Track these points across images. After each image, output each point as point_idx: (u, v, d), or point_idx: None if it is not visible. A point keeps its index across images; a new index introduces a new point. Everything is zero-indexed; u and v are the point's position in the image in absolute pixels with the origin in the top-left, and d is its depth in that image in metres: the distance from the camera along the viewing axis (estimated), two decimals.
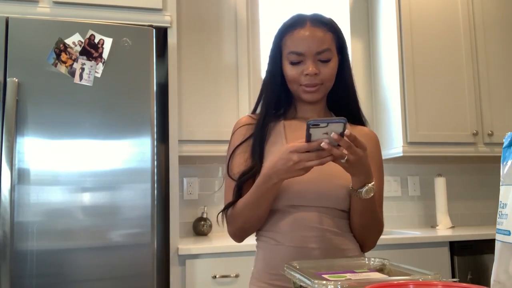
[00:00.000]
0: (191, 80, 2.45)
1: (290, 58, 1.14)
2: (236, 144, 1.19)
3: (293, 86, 1.17)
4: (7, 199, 1.70)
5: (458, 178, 3.08)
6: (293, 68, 1.14)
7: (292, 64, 1.14)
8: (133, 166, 1.89)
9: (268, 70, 1.22)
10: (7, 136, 1.73)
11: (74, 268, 1.77)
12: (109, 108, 1.89)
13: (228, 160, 1.19)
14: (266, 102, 1.20)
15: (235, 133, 1.22)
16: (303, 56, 1.12)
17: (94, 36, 1.90)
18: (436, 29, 2.78)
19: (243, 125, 1.22)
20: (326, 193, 1.10)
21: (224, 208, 1.14)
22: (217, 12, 2.52)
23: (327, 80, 1.15)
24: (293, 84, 1.16)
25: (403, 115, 2.67)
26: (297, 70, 1.14)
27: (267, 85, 1.20)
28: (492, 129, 2.79)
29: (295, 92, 1.17)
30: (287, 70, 1.15)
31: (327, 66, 1.13)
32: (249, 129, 1.20)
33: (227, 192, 1.17)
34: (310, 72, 1.11)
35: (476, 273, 2.34)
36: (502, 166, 0.75)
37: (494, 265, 0.74)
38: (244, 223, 1.12)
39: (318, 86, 1.14)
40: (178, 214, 2.16)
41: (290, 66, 1.15)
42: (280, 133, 1.18)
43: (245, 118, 1.26)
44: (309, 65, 1.12)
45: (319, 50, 1.12)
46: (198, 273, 2.05)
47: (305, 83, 1.14)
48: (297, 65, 1.13)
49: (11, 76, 1.79)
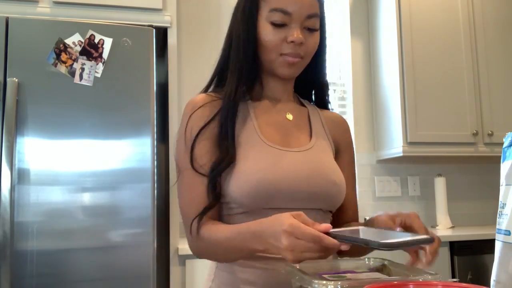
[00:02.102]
0: (191, 80, 2.45)
1: (272, 17, 0.91)
2: (197, 129, 0.93)
3: (271, 55, 0.93)
4: (7, 199, 1.70)
5: (458, 178, 3.08)
6: (275, 32, 0.91)
7: (274, 25, 0.91)
8: (133, 166, 1.89)
9: (236, 31, 0.96)
10: (7, 136, 1.73)
11: (74, 268, 1.77)
12: (109, 108, 1.89)
13: (191, 150, 0.92)
14: (238, 73, 0.94)
15: (192, 117, 0.94)
16: (289, 17, 0.90)
17: (94, 36, 1.90)
18: (436, 29, 2.78)
19: (201, 105, 0.95)
20: (319, 192, 0.91)
21: (202, 212, 0.87)
22: (217, 12, 2.52)
23: (310, 53, 0.95)
24: (271, 52, 0.92)
25: (403, 115, 2.67)
26: (280, 35, 0.91)
27: (237, 51, 0.94)
28: (492, 129, 2.79)
29: (270, 63, 0.94)
30: (265, 33, 0.91)
31: (312, 35, 0.94)
32: (209, 110, 0.94)
33: (191, 189, 0.91)
34: (296, 39, 0.90)
35: (476, 273, 2.34)
36: (502, 166, 0.75)
37: (494, 265, 0.74)
38: (210, 256, 0.91)
39: (299, 59, 0.93)
40: (178, 214, 2.16)
41: (270, 28, 0.91)
42: (247, 116, 0.96)
43: (201, 96, 0.98)
44: (296, 31, 0.90)
45: (310, 13, 0.91)
46: (198, 273, 2.05)
47: (287, 51, 0.91)
48: (280, 29, 0.91)
49: (11, 76, 1.79)
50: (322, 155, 0.96)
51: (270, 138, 0.94)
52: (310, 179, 0.89)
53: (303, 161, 0.91)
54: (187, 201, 0.91)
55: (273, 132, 0.95)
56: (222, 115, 0.92)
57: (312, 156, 0.94)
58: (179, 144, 0.96)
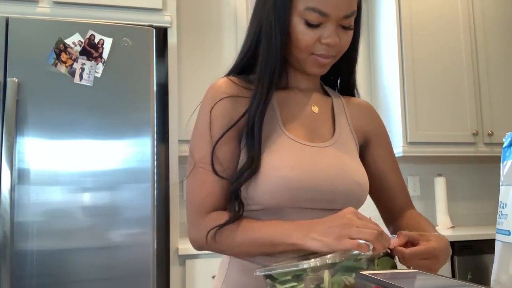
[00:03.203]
0: (191, 80, 2.45)
1: (307, 16, 0.84)
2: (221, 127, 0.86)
3: (302, 54, 0.88)
4: (7, 199, 1.70)
5: (458, 178, 3.08)
6: (309, 31, 0.85)
7: (308, 25, 0.85)
8: (133, 166, 1.89)
9: (267, 23, 0.88)
10: (7, 136, 1.73)
11: (74, 268, 1.77)
12: (109, 108, 1.89)
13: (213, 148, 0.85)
14: (270, 68, 0.87)
15: (215, 108, 0.87)
16: (326, 18, 0.84)
17: (94, 36, 1.90)
18: (436, 29, 2.78)
19: (226, 96, 0.89)
20: (342, 193, 0.86)
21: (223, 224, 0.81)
22: (217, 12, 2.52)
23: (342, 52, 0.90)
24: (302, 52, 0.87)
25: (403, 115, 2.67)
26: (314, 35, 0.85)
27: (270, 44, 0.87)
28: (492, 129, 2.79)
29: (300, 61, 0.90)
30: (298, 31, 0.85)
31: (347, 34, 0.89)
32: (234, 102, 0.88)
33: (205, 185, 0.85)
34: (332, 42, 0.85)
35: (476, 273, 2.34)
36: (502, 166, 0.75)
37: (494, 265, 0.74)
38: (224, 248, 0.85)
39: (331, 58, 0.89)
40: (178, 214, 2.16)
41: (304, 27, 0.85)
42: (272, 108, 0.90)
43: (224, 83, 0.91)
44: (332, 32, 0.85)
45: (347, 13, 0.86)
46: (198, 273, 2.05)
47: (319, 53, 0.87)
48: (315, 29, 0.85)
49: (11, 76, 1.79)
50: (345, 152, 0.92)
51: (294, 132, 0.89)
52: (333, 179, 0.85)
53: (327, 158, 0.87)
54: (198, 197, 0.86)
55: (297, 126, 0.91)
56: (251, 119, 0.85)
57: (336, 154, 0.89)
58: (197, 134, 0.88)
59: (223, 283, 0.91)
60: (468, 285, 0.54)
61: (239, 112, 0.87)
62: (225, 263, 0.93)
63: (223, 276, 0.92)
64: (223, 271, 0.93)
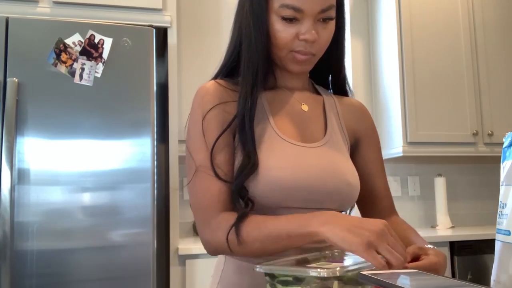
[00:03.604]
0: (191, 80, 2.45)
1: (282, 12, 0.84)
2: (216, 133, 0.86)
3: (281, 52, 0.88)
4: (7, 199, 1.70)
5: (458, 178, 3.08)
6: (286, 28, 0.85)
7: (284, 20, 0.85)
8: (133, 166, 1.89)
9: (246, 24, 0.89)
10: (7, 136, 1.73)
11: (74, 268, 1.77)
12: (109, 108, 1.89)
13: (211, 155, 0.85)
14: (252, 67, 0.87)
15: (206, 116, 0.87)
16: (301, 13, 0.84)
17: (94, 36, 1.90)
18: (436, 29, 2.78)
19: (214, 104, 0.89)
20: (333, 193, 0.86)
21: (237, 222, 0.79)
22: (217, 12, 2.52)
23: (323, 48, 0.90)
24: (282, 49, 0.88)
25: (403, 115, 2.67)
26: (291, 31, 0.85)
27: (249, 48, 0.88)
28: (492, 129, 2.79)
29: (281, 59, 0.90)
30: (276, 29, 0.86)
31: (326, 29, 0.88)
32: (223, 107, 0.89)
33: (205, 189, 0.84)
34: (309, 37, 0.85)
35: (476, 273, 2.34)
36: (502, 166, 0.75)
37: (494, 265, 0.74)
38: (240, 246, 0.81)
39: (310, 56, 0.88)
40: (178, 214, 2.16)
41: (281, 24, 0.85)
42: (261, 107, 0.91)
43: (212, 85, 0.91)
44: (309, 27, 0.85)
45: (324, 7, 0.85)
46: (198, 273, 2.05)
47: (297, 49, 0.87)
48: (291, 24, 0.85)
49: (11, 76, 1.79)
50: (337, 152, 0.92)
51: (284, 131, 0.89)
52: (324, 179, 0.85)
53: (318, 159, 0.87)
54: (206, 198, 0.84)
55: (287, 125, 0.91)
56: (240, 117, 0.85)
57: (327, 153, 0.89)
58: (193, 139, 0.88)
59: (219, 283, 0.91)
60: (468, 285, 0.54)
61: (230, 114, 0.88)
62: (220, 263, 0.93)
63: (219, 277, 0.92)
64: (218, 271, 0.93)
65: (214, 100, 0.89)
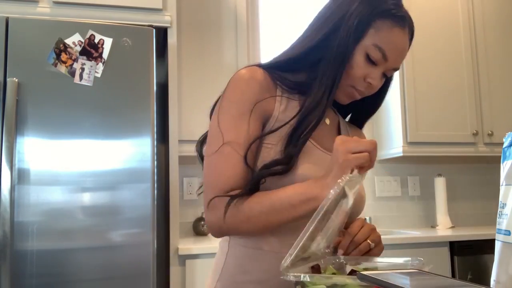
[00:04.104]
0: (191, 80, 2.45)
1: (371, 52, 0.87)
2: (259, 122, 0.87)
3: (345, 82, 0.90)
4: (7, 199, 1.70)
5: (458, 178, 3.08)
6: (364, 66, 0.88)
7: (368, 60, 0.88)
8: (133, 166, 1.89)
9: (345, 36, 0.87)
10: (7, 136, 1.73)
11: (74, 268, 1.77)
12: (109, 108, 1.89)
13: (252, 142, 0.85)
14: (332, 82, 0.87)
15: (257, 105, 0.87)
16: (383, 62, 0.88)
17: (94, 36, 1.90)
18: (436, 29, 2.78)
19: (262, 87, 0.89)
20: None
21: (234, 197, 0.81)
22: (217, 12, 2.52)
23: (372, 93, 0.95)
24: (348, 80, 0.90)
25: (403, 115, 2.67)
26: (366, 71, 0.89)
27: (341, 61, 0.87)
28: (492, 129, 2.79)
29: (339, 86, 0.90)
30: (355, 60, 0.88)
31: (383, 82, 0.95)
32: (266, 91, 0.89)
33: (229, 167, 0.84)
34: (375, 84, 0.90)
35: (476, 273, 2.34)
36: (502, 166, 0.75)
37: (494, 265, 0.74)
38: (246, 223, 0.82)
39: (362, 96, 0.94)
40: (178, 214, 2.16)
41: (362, 60, 0.88)
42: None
43: (262, 74, 0.90)
44: (379, 76, 0.90)
45: (397, 66, 0.92)
46: (198, 273, 2.05)
47: (359, 88, 0.91)
48: (370, 66, 0.89)
49: (11, 76, 1.79)
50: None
51: (318, 141, 0.92)
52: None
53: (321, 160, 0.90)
54: (222, 178, 0.84)
55: (317, 135, 0.92)
56: (304, 122, 0.85)
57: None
58: (232, 113, 0.87)
59: (218, 280, 0.92)
60: (468, 285, 0.54)
61: (270, 107, 0.89)
62: (221, 260, 0.94)
63: (218, 274, 0.93)
64: (218, 268, 0.94)
65: (262, 90, 0.88)
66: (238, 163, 0.84)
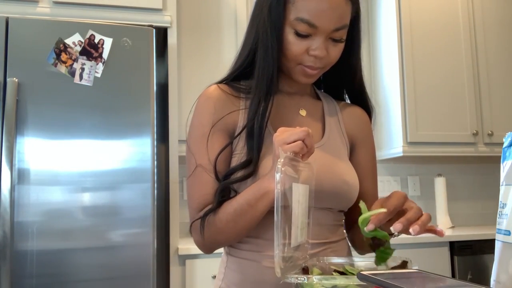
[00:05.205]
0: (191, 80, 2.45)
1: (297, 26, 0.85)
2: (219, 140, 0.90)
3: (290, 63, 0.90)
4: (7, 199, 1.70)
5: (458, 178, 3.08)
6: (298, 41, 0.86)
7: (298, 35, 0.86)
8: (133, 166, 1.89)
9: (264, 29, 0.88)
10: (7, 136, 1.73)
11: (74, 268, 1.77)
12: (109, 108, 1.89)
13: (215, 161, 0.89)
14: (267, 75, 0.88)
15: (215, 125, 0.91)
16: (315, 30, 0.85)
17: (94, 36, 1.90)
18: (436, 29, 2.78)
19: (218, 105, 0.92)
20: (329, 191, 0.89)
21: (205, 214, 0.85)
22: (217, 12, 2.52)
23: (330, 63, 0.92)
24: (291, 61, 0.89)
25: (403, 115, 2.67)
26: (302, 46, 0.87)
27: (266, 52, 0.88)
28: (492, 129, 2.79)
29: (288, 69, 0.91)
30: (288, 41, 0.87)
31: (337, 46, 0.89)
32: (223, 106, 0.92)
33: (201, 187, 0.88)
34: (319, 54, 0.87)
35: (476, 273, 2.34)
36: (502, 166, 0.75)
37: (494, 265, 0.74)
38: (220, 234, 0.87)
39: (319, 70, 0.91)
40: (178, 214, 2.16)
41: (293, 37, 0.86)
42: None
43: (215, 90, 0.95)
44: (320, 45, 0.86)
45: (337, 26, 0.86)
46: (198, 273, 2.05)
47: (307, 64, 0.89)
48: (304, 39, 0.86)
49: (11, 76, 1.79)
50: (334, 153, 0.94)
51: None
52: (320, 178, 0.86)
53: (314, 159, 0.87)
54: (197, 197, 0.89)
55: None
56: (251, 125, 0.87)
57: (323, 155, 0.92)
58: (196, 139, 0.91)
59: (222, 281, 0.94)
60: (468, 285, 0.54)
61: (230, 124, 0.92)
62: (224, 260, 0.96)
63: (222, 274, 0.95)
64: (222, 268, 0.96)
65: (217, 107, 0.92)
66: (209, 182, 0.88)
